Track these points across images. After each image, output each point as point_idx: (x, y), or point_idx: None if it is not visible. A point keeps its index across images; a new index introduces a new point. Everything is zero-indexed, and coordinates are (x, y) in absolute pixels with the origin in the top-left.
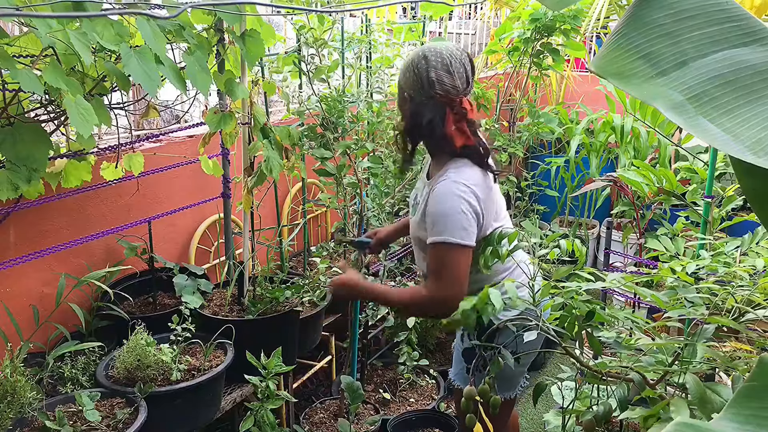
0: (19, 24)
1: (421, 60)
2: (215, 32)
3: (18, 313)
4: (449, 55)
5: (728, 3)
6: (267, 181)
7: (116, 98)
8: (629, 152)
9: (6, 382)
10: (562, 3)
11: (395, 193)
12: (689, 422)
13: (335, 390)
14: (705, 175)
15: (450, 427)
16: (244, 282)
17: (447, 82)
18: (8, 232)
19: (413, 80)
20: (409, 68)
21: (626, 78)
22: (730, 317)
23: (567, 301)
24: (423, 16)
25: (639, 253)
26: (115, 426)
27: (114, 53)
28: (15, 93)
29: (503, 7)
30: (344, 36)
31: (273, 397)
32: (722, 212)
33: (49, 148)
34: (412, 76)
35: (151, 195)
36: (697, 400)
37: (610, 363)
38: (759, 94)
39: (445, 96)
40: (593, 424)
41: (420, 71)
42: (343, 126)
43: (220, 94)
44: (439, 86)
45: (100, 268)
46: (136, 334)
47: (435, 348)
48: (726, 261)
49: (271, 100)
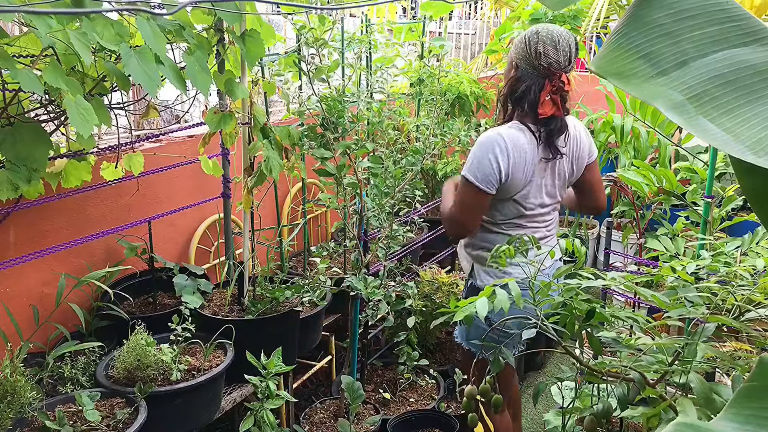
0: (19, 24)
1: (533, 34)
2: (215, 32)
3: (18, 313)
4: (558, 34)
5: (728, 3)
6: (267, 181)
7: (116, 98)
8: (629, 152)
9: (6, 382)
10: (562, 3)
11: (395, 193)
12: (689, 422)
13: (335, 390)
14: (705, 175)
15: (450, 427)
16: (244, 282)
17: (552, 56)
18: (8, 232)
19: (523, 50)
20: (522, 40)
21: (626, 78)
22: (730, 317)
23: (567, 300)
24: (423, 16)
25: (639, 253)
26: (115, 426)
27: (114, 53)
28: (15, 93)
29: (503, 7)
30: (344, 36)
31: (273, 397)
32: (722, 212)
33: (49, 148)
34: (523, 47)
35: (151, 195)
36: (703, 400)
37: (610, 363)
38: (759, 94)
39: (548, 68)
40: (594, 424)
41: (530, 43)
42: (343, 126)
43: (220, 94)
44: (544, 59)
45: (100, 268)
46: (136, 334)
47: (435, 348)
48: (726, 261)
49: (271, 100)
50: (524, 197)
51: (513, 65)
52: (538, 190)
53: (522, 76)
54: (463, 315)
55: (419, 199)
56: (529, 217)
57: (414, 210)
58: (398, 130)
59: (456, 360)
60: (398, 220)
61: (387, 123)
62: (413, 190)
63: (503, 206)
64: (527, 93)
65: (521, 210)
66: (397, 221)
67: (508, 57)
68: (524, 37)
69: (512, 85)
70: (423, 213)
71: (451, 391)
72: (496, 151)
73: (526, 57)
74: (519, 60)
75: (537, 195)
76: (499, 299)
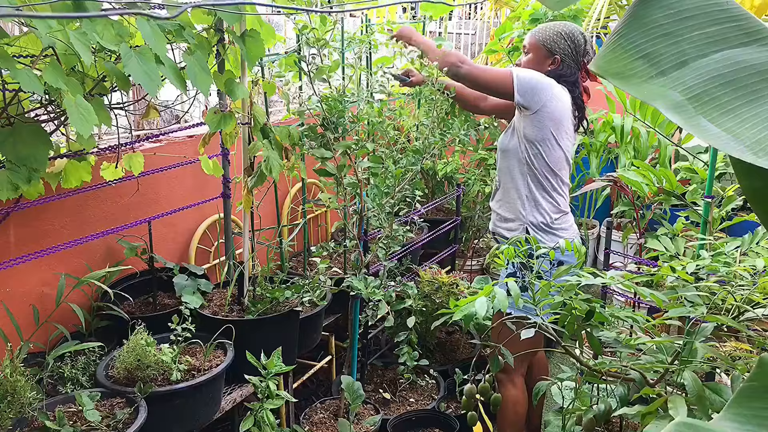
0: (19, 24)
1: (579, 36)
2: (215, 32)
3: (18, 313)
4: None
5: (728, 3)
6: (267, 181)
7: (116, 98)
8: (629, 152)
9: (6, 382)
10: (562, 3)
11: (395, 193)
12: (689, 422)
13: (335, 390)
14: (705, 175)
15: (450, 427)
16: (244, 282)
17: (591, 53)
18: (8, 232)
19: (569, 47)
20: (565, 37)
21: (626, 78)
22: (729, 316)
23: (567, 299)
24: (423, 16)
25: (639, 253)
26: (115, 426)
27: (114, 53)
28: (15, 93)
29: (503, 7)
30: (344, 36)
31: (273, 397)
32: (722, 212)
33: (49, 148)
34: (569, 44)
35: (151, 195)
36: (695, 398)
37: (609, 362)
38: (759, 94)
39: (585, 64)
40: (593, 424)
41: (578, 43)
42: (343, 126)
43: (220, 94)
44: (586, 55)
45: (100, 268)
46: (136, 334)
47: (435, 348)
48: (726, 261)
49: (271, 100)
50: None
51: (552, 58)
52: (567, 162)
53: (563, 68)
54: (462, 314)
55: (419, 199)
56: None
57: (414, 210)
58: (398, 130)
59: (456, 360)
60: (398, 220)
61: (388, 123)
62: (413, 190)
63: (556, 160)
64: (571, 81)
65: (563, 169)
66: (397, 221)
67: (538, 49)
68: (566, 33)
69: (557, 76)
70: (423, 213)
71: (451, 391)
72: (553, 88)
73: (571, 53)
74: (563, 54)
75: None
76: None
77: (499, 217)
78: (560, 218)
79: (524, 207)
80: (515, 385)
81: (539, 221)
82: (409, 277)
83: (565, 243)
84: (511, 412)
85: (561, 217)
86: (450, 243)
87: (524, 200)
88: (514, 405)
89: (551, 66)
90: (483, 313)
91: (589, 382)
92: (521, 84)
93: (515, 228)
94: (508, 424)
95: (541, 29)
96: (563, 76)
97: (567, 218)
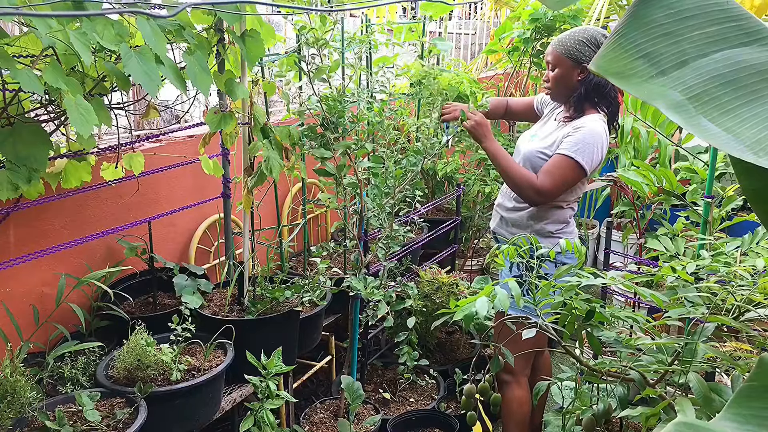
0: (19, 24)
1: (601, 38)
2: (215, 32)
3: (18, 313)
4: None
5: (728, 3)
6: (267, 181)
7: (116, 98)
8: (629, 152)
9: (6, 382)
10: (562, 3)
11: (395, 193)
12: (689, 422)
13: (335, 390)
14: (705, 175)
15: (450, 427)
16: (244, 282)
17: None
18: (8, 232)
19: (594, 53)
20: (588, 43)
21: (626, 78)
22: (730, 317)
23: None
24: (423, 16)
25: (639, 253)
26: (115, 426)
27: (114, 53)
28: (15, 93)
29: (503, 7)
30: (344, 36)
31: (273, 397)
32: (722, 212)
33: (49, 148)
34: (593, 49)
35: (151, 195)
36: (702, 399)
37: (609, 362)
38: (759, 94)
39: None
40: (593, 423)
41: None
42: (343, 126)
43: (220, 94)
44: None
45: (100, 268)
46: (136, 334)
47: (435, 348)
48: (726, 261)
49: (271, 100)
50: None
51: (579, 67)
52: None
53: (593, 75)
54: (462, 315)
55: (419, 199)
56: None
57: (414, 210)
58: (398, 130)
59: (456, 360)
60: (398, 220)
61: (388, 123)
62: (413, 190)
63: (579, 188)
64: (606, 86)
65: (582, 189)
66: (397, 221)
67: (564, 61)
68: (588, 39)
69: (589, 83)
70: (423, 213)
71: (451, 391)
72: (604, 142)
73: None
74: (589, 61)
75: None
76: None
77: (502, 219)
78: (563, 227)
79: (532, 217)
80: (521, 386)
81: (546, 231)
82: (409, 277)
83: (565, 243)
84: (517, 412)
85: (565, 227)
86: (450, 243)
87: (532, 211)
88: (521, 405)
89: (581, 75)
90: (484, 313)
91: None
92: (591, 170)
93: (518, 233)
94: (515, 425)
95: (561, 41)
96: (598, 84)
97: (569, 227)
